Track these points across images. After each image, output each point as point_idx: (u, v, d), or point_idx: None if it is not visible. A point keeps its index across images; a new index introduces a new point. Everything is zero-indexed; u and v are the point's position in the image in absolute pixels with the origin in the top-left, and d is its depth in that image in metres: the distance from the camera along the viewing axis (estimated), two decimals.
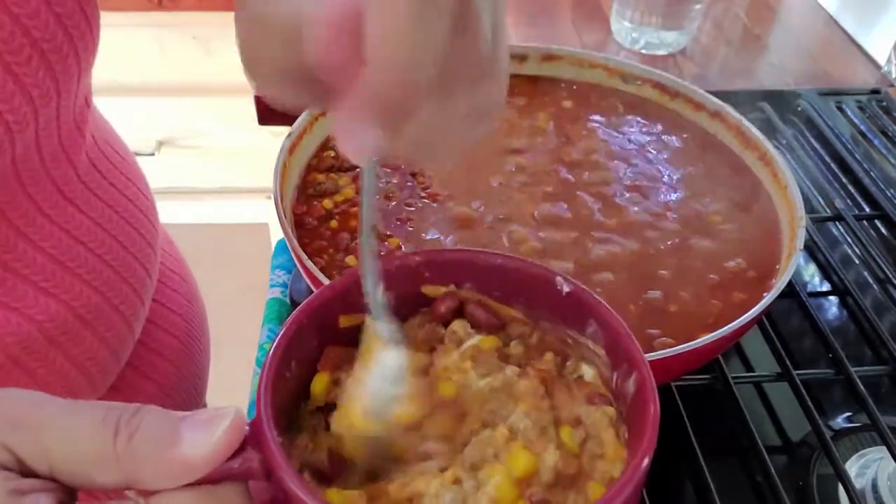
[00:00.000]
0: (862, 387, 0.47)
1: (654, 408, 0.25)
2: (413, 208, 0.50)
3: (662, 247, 0.49)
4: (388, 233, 0.48)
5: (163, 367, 0.53)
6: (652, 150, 0.57)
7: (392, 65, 0.22)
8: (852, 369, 0.48)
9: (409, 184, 0.52)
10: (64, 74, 0.37)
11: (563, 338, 0.29)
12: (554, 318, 0.29)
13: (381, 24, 0.22)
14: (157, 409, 0.22)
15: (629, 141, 0.57)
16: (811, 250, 0.59)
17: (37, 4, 0.34)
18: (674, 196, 0.53)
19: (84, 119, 0.42)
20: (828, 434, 0.44)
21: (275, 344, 0.26)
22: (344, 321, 0.28)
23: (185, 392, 0.56)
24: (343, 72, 0.23)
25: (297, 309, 0.27)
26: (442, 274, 0.30)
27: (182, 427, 0.22)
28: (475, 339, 0.29)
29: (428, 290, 0.30)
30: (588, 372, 0.28)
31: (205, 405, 0.66)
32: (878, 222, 0.63)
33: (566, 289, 0.28)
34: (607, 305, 0.28)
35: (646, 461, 0.24)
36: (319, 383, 0.28)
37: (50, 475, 0.22)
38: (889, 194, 0.63)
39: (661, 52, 0.82)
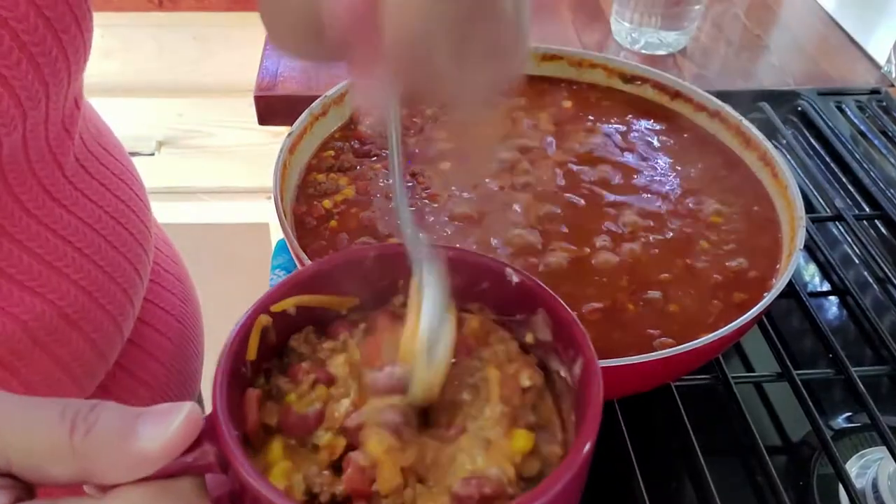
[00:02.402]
0: (862, 387, 0.47)
1: (596, 391, 0.25)
2: (413, 208, 0.50)
3: (662, 247, 0.49)
4: (388, 233, 0.48)
5: (154, 368, 0.52)
6: (652, 151, 0.56)
7: (406, 35, 0.24)
8: (852, 369, 0.48)
9: (410, 184, 0.52)
10: (53, 77, 0.37)
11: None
12: (505, 308, 0.30)
13: None
14: (114, 404, 0.23)
15: (629, 141, 0.57)
16: (811, 250, 0.59)
17: (26, 8, 0.34)
18: (673, 196, 0.53)
19: (73, 120, 0.42)
20: (828, 434, 0.45)
21: (230, 339, 0.26)
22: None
23: (177, 394, 0.56)
24: (359, 31, 0.24)
25: (252, 305, 0.28)
26: (394, 268, 0.30)
27: (138, 421, 0.22)
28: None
29: None
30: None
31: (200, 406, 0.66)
32: (878, 222, 0.63)
33: (515, 279, 0.29)
34: (554, 294, 0.29)
35: (587, 446, 0.24)
36: (276, 451, 0.26)
37: (7, 470, 0.22)
38: (889, 194, 0.63)
39: (661, 53, 0.82)
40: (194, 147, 1.30)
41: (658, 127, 0.59)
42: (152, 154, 1.27)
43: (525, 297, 0.29)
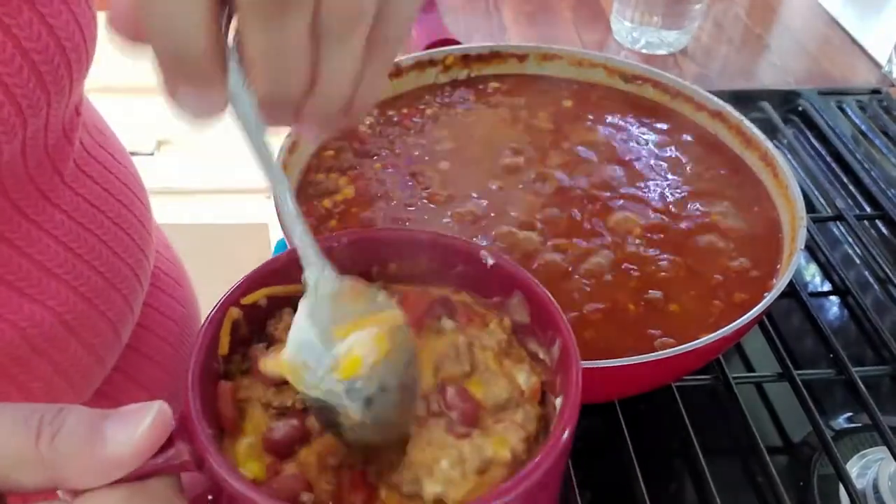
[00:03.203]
0: (863, 387, 0.47)
1: (575, 373, 0.25)
2: (413, 208, 0.50)
3: (663, 247, 0.48)
4: None
5: (154, 373, 0.52)
6: (652, 150, 0.56)
7: (157, 31, 0.22)
8: (853, 369, 0.48)
9: (410, 184, 0.52)
10: (55, 86, 0.36)
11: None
12: (481, 291, 0.30)
13: None
14: (79, 408, 0.22)
15: (629, 141, 0.57)
16: (812, 250, 0.59)
17: (29, 16, 0.34)
18: (674, 196, 0.52)
19: (73, 126, 0.42)
20: (829, 434, 0.44)
21: (200, 335, 0.26)
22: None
23: (178, 399, 0.56)
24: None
25: (220, 299, 0.27)
26: (368, 254, 0.30)
27: (105, 424, 0.22)
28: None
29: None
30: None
31: None
32: (878, 222, 0.63)
33: (490, 261, 0.29)
34: (530, 276, 0.29)
35: (566, 433, 0.24)
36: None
37: None
38: (890, 194, 0.63)
39: (662, 52, 0.82)
40: (194, 147, 1.30)
41: (659, 126, 0.59)
42: (152, 153, 1.28)
43: (501, 280, 0.29)
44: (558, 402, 0.26)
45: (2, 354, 0.39)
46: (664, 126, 0.59)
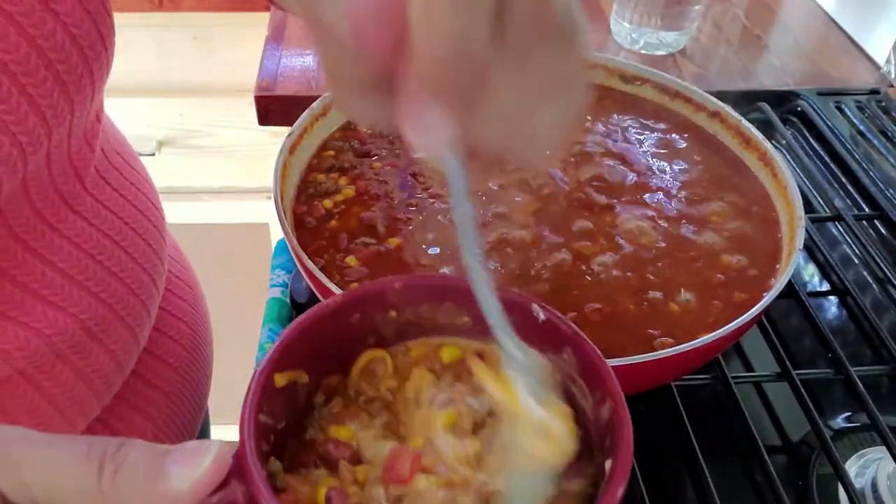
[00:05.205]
0: (861, 387, 0.47)
1: (627, 436, 0.25)
2: (413, 208, 0.50)
3: (662, 247, 0.49)
4: (387, 233, 0.48)
5: (168, 374, 0.52)
6: (651, 151, 0.57)
7: (435, 37, 0.20)
8: (852, 369, 0.48)
9: (410, 183, 0.52)
10: (78, 94, 0.37)
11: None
12: (531, 343, 0.29)
13: None
14: (141, 443, 0.23)
15: (628, 141, 0.57)
16: (811, 250, 0.60)
17: (53, 26, 0.34)
18: (673, 196, 0.53)
19: (95, 133, 0.42)
20: (827, 434, 0.45)
21: (253, 383, 0.26)
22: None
23: (190, 399, 0.56)
24: (391, 56, 0.21)
25: (271, 348, 0.27)
26: (416, 301, 0.29)
27: (167, 461, 0.22)
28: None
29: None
30: None
31: (206, 409, 0.66)
32: (877, 222, 0.63)
33: (542, 316, 0.29)
34: (582, 333, 0.28)
35: (620, 490, 0.24)
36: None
37: None
38: (888, 194, 0.63)
39: (661, 53, 0.83)
40: (195, 147, 1.30)
41: (658, 127, 0.59)
42: (153, 154, 1.28)
43: (551, 335, 0.29)
44: (608, 464, 0.26)
45: (27, 362, 0.39)
46: (663, 126, 0.59)
